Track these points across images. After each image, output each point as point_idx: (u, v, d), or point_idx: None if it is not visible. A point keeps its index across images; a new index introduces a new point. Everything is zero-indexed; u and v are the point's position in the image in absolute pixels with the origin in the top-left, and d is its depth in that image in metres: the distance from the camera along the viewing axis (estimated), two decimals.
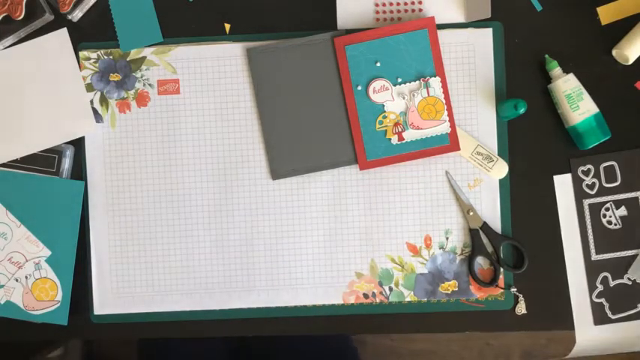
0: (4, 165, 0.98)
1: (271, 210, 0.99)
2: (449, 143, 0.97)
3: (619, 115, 0.98)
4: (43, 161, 0.98)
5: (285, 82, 0.98)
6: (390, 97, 0.97)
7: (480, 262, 0.99)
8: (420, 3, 0.99)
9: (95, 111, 0.99)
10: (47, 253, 0.97)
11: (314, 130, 0.98)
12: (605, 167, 0.99)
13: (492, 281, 0.98)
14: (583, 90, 0.95)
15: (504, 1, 0.98)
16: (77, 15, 0.99)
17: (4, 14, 0.98)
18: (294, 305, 0.99)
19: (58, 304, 0.98)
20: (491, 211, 0.99)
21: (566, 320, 0.99)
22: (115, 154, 0.99)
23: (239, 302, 0.99)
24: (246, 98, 0.99)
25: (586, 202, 0.99)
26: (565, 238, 0.99)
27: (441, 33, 0.97)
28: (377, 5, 0.99)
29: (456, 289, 0.99)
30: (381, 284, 0.99)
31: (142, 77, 0.99)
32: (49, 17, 0.98)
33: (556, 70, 0.96)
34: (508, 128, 0.99)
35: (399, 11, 0.99)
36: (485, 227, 0.98)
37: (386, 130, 0.97)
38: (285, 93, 0.98)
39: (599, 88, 0.97)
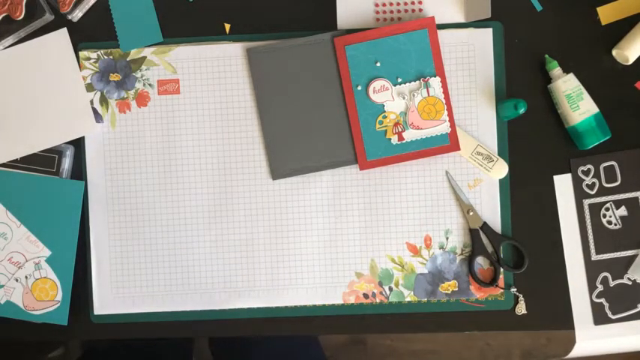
0: (4, 165, 0.98)
1: (271, 210, 0.99)
2: (449, 143, 0.97)
3: (619, 115, 0.98)
4: (43, 161, 0.98)
5: (285, 82, 0.98)
6: (390, 97, 0.97)
7: (480, 262, 0.99)
8: (420, 3, 0.99)
9: (95, 111, 0.99)
10: (47, 253, 0.97)
11: (314, 130, 0.98)
12: (605, 167, 0.99)
13: (492, 281, 0.98)
14: (583, 90, 0.95)
15: (504, 1, 0.98)
16: (77, 15, 0.99)
17: (4, 14, 0.98)
18: (294, 305, 1.00)
19: (58, 304, 0.98)
20: (491, 211, 0.99)
21: (566, 320, 0.99)
22: (115, 154, 0.99)
23: (239, 302, 0.99)
24: (246, 98, 0.99)
25: (586, 202, 0.99)
26: (565, 238, 0.99)
27: (441, 33, 0.97)
28: (377, 5, 0.99)
29: (456, 289, 0.99)
30: (381, 284, 0.99)
31: (142, 77, 0.99)
32: (49, 17, 0.98)
33: (556, 70, 0.96)
34: (508, 128, 0.99)
35: (399, 11, 0.99)
36: (486, 227, 0.98)
37: (386, 130, 0.97)
38: (285, 93, 0.98)
39: (599, 88, 0.97)
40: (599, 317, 0.99)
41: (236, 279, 0.99)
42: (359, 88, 0.97)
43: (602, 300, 0.99)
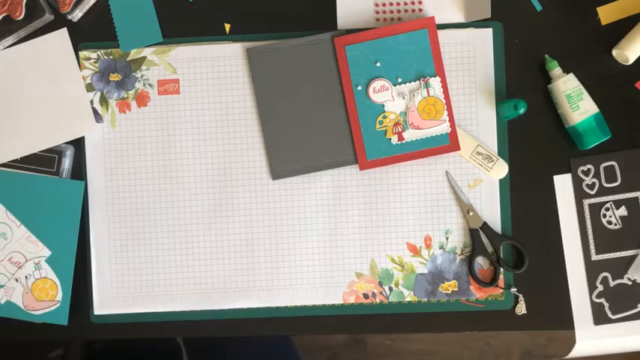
0: (4, 165, 0.98)
1: (271, 210, 0.99)
2: (449, 143, 0.97)
3: (619, 115, 0.98)
4: (43, 161, 0.98)
5: (285, 82, 0.98)
6: (390, 97, 0.97)
7: (480, 262, 0.99)
8: (420, 3, 0.99)
9: (95, 111, 1.00)
10: (47, 253, 0.97)
11: (314, 130, 0.98)
12: (605, 167, 0.99)
13: (492, 281, 0.98)
14: (583, 90, 0.95)
15: (504, 1, 0.98)
16: (77, 15, 0.99)
17: (4, 14, 0.98)
18: (294, 305, 1.00)
19: (58, 304, 0.98)
20: (491, 211, 0.99)
21: (566, 320, 0.99)
22: (115, 154, 0.99)
23: (239, 302, 0.99)
24: (246, 98, 0.99)
25: (586, 202, 0.99)
26: (565, 238, 0.99)
27: (441, 33, 0.97)
28: (377, 5, 0.99)
29: (456, 289, 0.99)
30: (381, 284, 0.99)
31: (142, 77, 0.99)
32: (49, 17, 0.98)
33: (556, 70, 0.96)
34: (508, 128, 0.99)
35: (399, 11, 0.99)
36: (486, 227, 0.98)
37: (386, 130, 0.97)
38: (285, 93, 0.98)
39: (599, 88, 0.97)
40: (599, 317, 0.99)
41: (236, 279, 0.99)
42: (359, 88, 0.97)
43: (602, 300, 0.99)
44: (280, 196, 0.99)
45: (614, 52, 0.98)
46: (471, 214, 0.98)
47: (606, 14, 0.99)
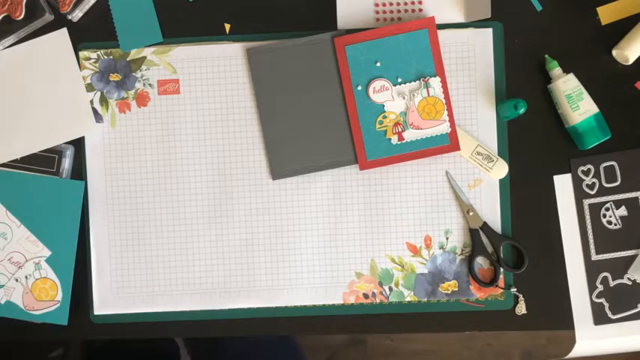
0: (4, 165, 0.98)
1: (271, 210, 0.99)
2: (449, 143, 0.97)
3: (619, 115, 0.98)
4: (43, 161, 0.98)
5: (285, 82, 0.98)
6: (390, 97, 0.97)
7: (480, 262, 0.99)
8: (420, 3, 0.99)
9: (95, 111, 1.00)
10: (47, 253, 0.97)
11: (314, 130, 0.98)
12: (605, 167, 0.99)
13: (492, 281, 0.98)
14: (583, 90, 0.95)
15: (504, 1, 0.98)
16: (77, 15, 0.99)
17: (4, 14, 0.98)
18: (294, 305, 1.00)
19: (58, 304, 0.98)
20: (491, 211, 0.99)
21: (566, 320, 0.99)
22: (115, 154, 0.99)
23: (239, 302, 0.99)
24: (246, 98, 0.99)
25: (586, 202, 0.99)
26: (565, 238, 0.99)
27: (441, 33, 0.97)
28: (377, 5, 0.99)
29: (456, 289, 0.99)
30: (381, 284, 0.99)
31: (142, 77, 0.99)
32: (49, 17, 0.98)
33: (556, 70, 0.96)
34: (508, 128, 0.99)
35: (399, 11, 0.99)
36: (486, 227, 0.98)
37: (386, 130, 0.97)
38: (285, 93, 0.98)
39: (599, 88, 0.97)
40: (599, 317, 0.99)
41: (236, 279, 0.99)
42: (359, 88, 0.97)
43: (602, 300, 0.99)
44: (280, 196, 0.99)
45: (614, 52, 0.98)
46: (471, 214, 0.98)
47: (606, 14, 0.99)
